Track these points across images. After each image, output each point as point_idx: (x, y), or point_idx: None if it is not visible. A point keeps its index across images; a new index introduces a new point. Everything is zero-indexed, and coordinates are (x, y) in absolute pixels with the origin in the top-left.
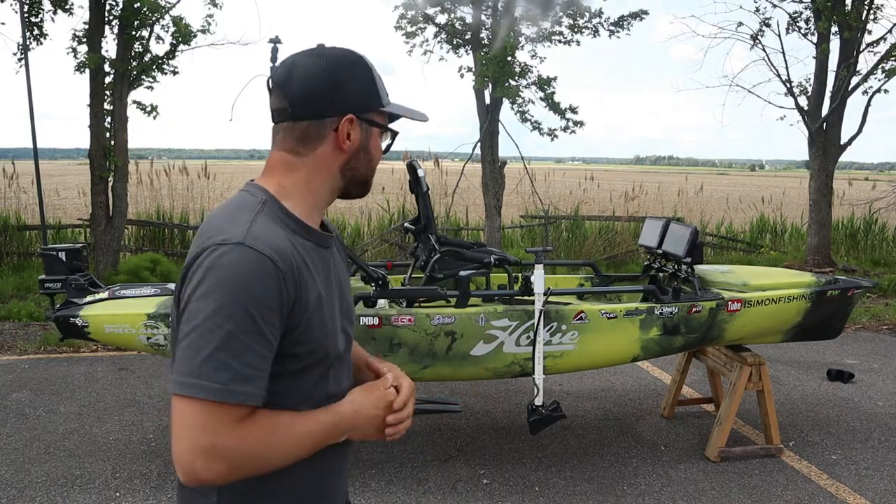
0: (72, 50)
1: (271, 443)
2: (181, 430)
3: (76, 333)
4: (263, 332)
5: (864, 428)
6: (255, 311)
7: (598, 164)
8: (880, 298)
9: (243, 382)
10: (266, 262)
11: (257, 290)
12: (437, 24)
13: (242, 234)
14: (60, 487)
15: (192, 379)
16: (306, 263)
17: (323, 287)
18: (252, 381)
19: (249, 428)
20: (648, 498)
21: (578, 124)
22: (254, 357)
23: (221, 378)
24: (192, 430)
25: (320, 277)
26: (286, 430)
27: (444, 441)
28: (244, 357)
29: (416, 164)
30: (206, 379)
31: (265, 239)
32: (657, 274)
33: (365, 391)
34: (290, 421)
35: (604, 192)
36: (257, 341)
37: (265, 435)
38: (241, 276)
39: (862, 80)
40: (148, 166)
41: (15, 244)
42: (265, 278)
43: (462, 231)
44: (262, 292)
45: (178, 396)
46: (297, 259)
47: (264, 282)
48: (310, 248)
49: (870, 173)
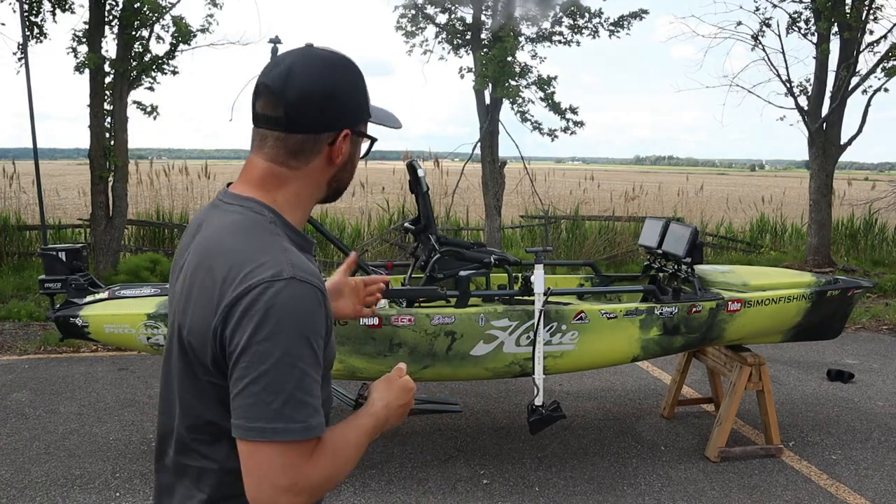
0: (72, 50)
1: (338, 462)
2: (261, 474)
3: (76, 333)
4: (319, 360)
5: (864, 428)
6: (316, 344)
7: (598, 164)
8: (880, 298)
9: (317, 415)
10: (317, 293)
11: (317, 324)
12: (437, 24)
13: (289, 267)
14: (60, 487)
15: (275, 424)
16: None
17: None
18: (320, 411)
19: (321, 455)
20: (648, 498)
21: (578, 125)
22: (317, 387)
23: (301, 417)
24: (275, 472)
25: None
26: (344, 445)
27: (444, 441)
28: (315, 391)
29: (416, 164)
30: (289, 421)
31: (306, 268)
32: (657, 274)
33: (386, 385)
34: (342, 436)
35: (604, 192)
36: (317, 371)
37: (333, 457)
38: (302, 312)
39: (862, 80)
40: (148, 166)
41: (15, 244)
42: (319, 309)
43: (462, 231)
44: (320, 324)
45: (255, 442)
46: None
47: (319, 313)
48: (308, 259)
49: (870, 173)
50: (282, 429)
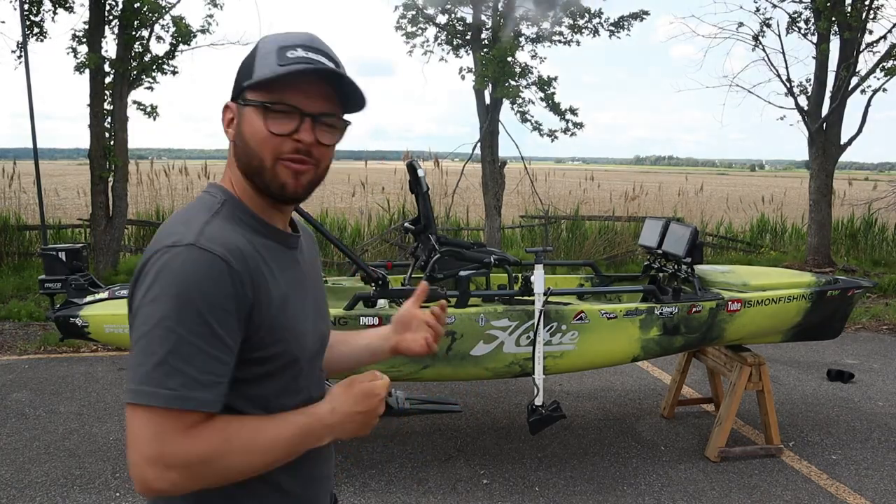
0: (72, 50)
1: (229, 449)
2: (132, 440)
3: (76, 333)
4: (219, 335)
5: (864, 428)
6: (209, 315)
7: (598, 164)
8: (880, 298)
9: (196, 388)
10: (218, 262)
11: (210, 293)
12: (438, 24)
13: (195, 236)
14: (60, 487)
15: (143, 386)
16: (267, 263)
17: (288, 287)
18: (208, 386)
19: (202, 434)
20: (648, 498)
21: (578, 126)
22: (208, 361)
23: (172, 384)
24: (142, 440)
25: (285, 278)
26: (249, 435)
27: (444, 441)
28: (197, 361)
29: (416, 164)
30: (157, 385)
31: (219, 239)
32: (657, 274)
33: (344, 388)
34: (255, 425)
35: (604, 192)
36: (212, 345)
37: (221, 441)
38: (193, 277)
39: (861, 80)
40: (148, 166)
41: (15, 244)
42: (218, 280)
43: (462, 231)
44: (216, 294)
45: (130, 405)
46: (257, 259)
47: (217, 283)
48: (273, 248)
49: (870, 173)
50: (149, 392)
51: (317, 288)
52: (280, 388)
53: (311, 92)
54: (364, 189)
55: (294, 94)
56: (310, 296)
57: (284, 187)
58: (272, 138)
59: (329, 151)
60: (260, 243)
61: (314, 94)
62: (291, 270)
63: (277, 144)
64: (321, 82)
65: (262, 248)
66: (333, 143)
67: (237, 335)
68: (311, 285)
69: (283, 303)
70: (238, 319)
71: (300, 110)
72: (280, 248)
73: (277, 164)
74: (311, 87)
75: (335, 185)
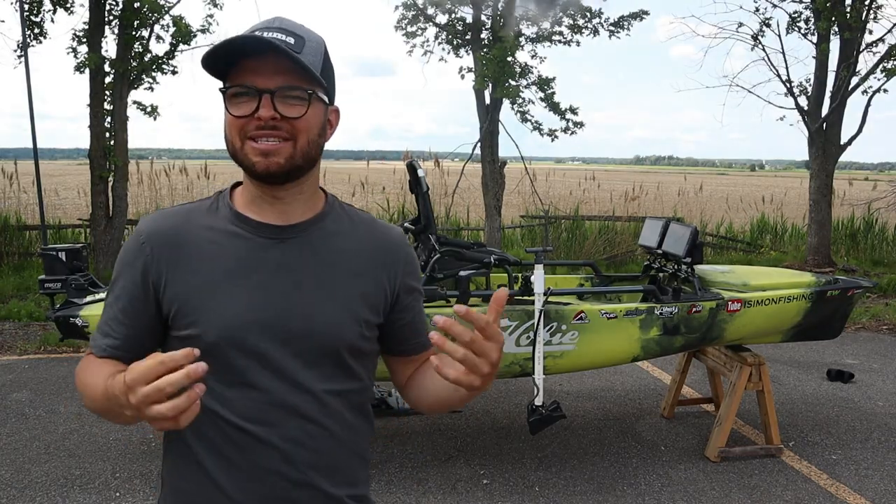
0: (72, 50)
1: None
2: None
3: (76, 333)
4: (120, 297)
5: (864, 428)
6: (118, 280)
7: (598, 164)
8: (880, 298)
9: (97, 336)
10: (135, 238)
11: (122, 259)
12: (438, 24)
13: (143, 220)
14: (60, 487)
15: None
16: (211, 248)
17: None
18: (104, 335)
19: (83, 362)
20: (648, 498)
21: (578, 125)
22: (110, 318)
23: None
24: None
25: (231, 264)
26: (88, 374)
27: (444, 441)
28: (105, 315)
29: (416, 163)
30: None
31: (154, 218)
32: (657, 274)
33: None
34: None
35: (604, 192)
36: (115, 305)
37: (80, 374)
38: (122, 248)
39: (861, 80)
40: (148, 167)
41: (15, 244)
42: (129, 252)
43: (462, 231)
44: (124, 263)
45: None
46: (194, 242)
47: (128, 255)
48: (230, 234)
49: (870, 173)
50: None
51: (303, 283)
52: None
53: (264, 69)
54: (364, 189)
55: (248, 75)
56: (277, 287)
57: (255, 166)
58: (236, 121)
59: (303, 124)
60: (222, 229)
61: (268, 70)
62: (253, 259)
63: (242, 126)
64: (276, 57)
65: (219, 235)
66: (302, 114)
67: (140, 302)
68: (294, 279)
69: (212, 288)
70: (144, 290)
71: (255, 88)
72: (252, 237)
73: (245, 145)
74: (264, 64)
75: (335, 185)
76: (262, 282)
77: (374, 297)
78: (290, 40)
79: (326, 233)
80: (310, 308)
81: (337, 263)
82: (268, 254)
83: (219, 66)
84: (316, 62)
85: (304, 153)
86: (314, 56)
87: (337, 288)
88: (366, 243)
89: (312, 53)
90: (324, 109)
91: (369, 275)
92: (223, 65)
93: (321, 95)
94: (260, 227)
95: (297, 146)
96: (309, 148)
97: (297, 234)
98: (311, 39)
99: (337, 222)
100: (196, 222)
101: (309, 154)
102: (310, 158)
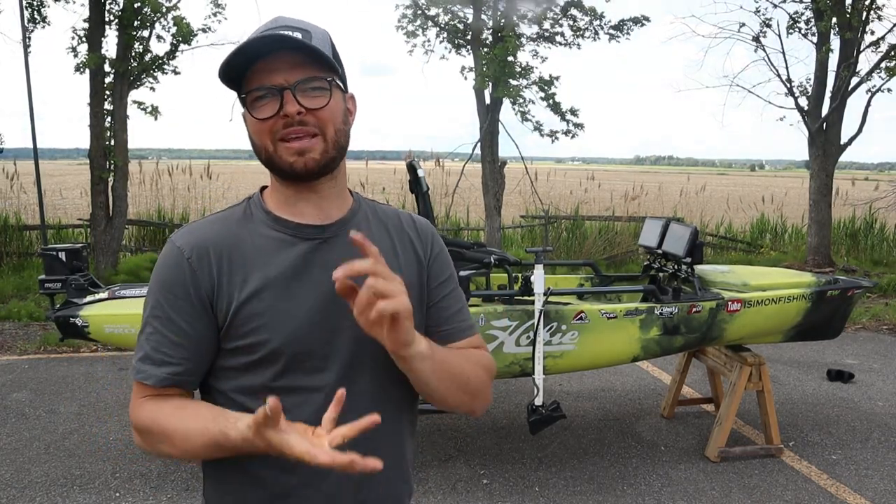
0: (72, 49)
1: (156, 425)
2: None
3: (76, 333)
4: (171, 317)
5: (864, 428)
6: (163, 298)
7: (598, 164)
8: (880, 298)
9: (147, 363)
10: (175, 251)
11: (164, 279)
12: (439, 24)
13: (176, 233)
14: (60, 487)
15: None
16: (246, 255)
17: (280, 276)
18: (158, 364)
19: (145, 406)
20: (648, 498)
21: (579, 126)
22: (161, 341)
23: (137, 358)
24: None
25: (279, 269)
26: (170, 425)
27: (444, 441)
28: (152, 341)
29: (417, 163)
30: (134, 360)
31: (189, 231)
32: (657, 274)
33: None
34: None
35: (604, 192)
36: (165, 326)
37: (152, 416)
38: (158, 269)
39: (862, 81)
40: (152, 167)
41: (15, 244)
42: (172, 267)
43: (462, 231)
44: (168, 281)
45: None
46: (237, 250)
47: (170, 270)
48: (274, 239)
49: (870, 173)
50: (132, 367)
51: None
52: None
53: (279, 67)
54: (364, 189)
55: (264, 76)
56: (327, 288)
57: (293, 166)
58: (263, 125)
59: (328, 114)
60: (264, 235)
61: (283, 67)
62: (299, 262)
63: (270, 128)
64: (289, 53)
65: (262, 241)
66: (325, 104)
67: (196, 320)
68: (331, 277)
69: (266, 294)
70: (193, 305)
71: (274, 87)
72: (290, 238)
73: (279, 147)
74: (277, 62)
75: None
76: (314, 284)
77: (417, 287)
78: (298, 35)
79: (361, 227)
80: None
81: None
82: (313, 255)
83: (232, 75)
84: (326, 51)
85: (335, 143)
86: (323, 46)
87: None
88: (398, 233)
89: (322, 45)
90: (342, 97)
91: (407, 263)
92: (236, 74)
93: (339, 83)
94: (300, 229)
95: (327, 138)
96: (338, 137)
97: (334, 232)
98: (316, 31)
99: (367, 217)
100: (235, 230)
101: (339, 143)
102: (341, 147)
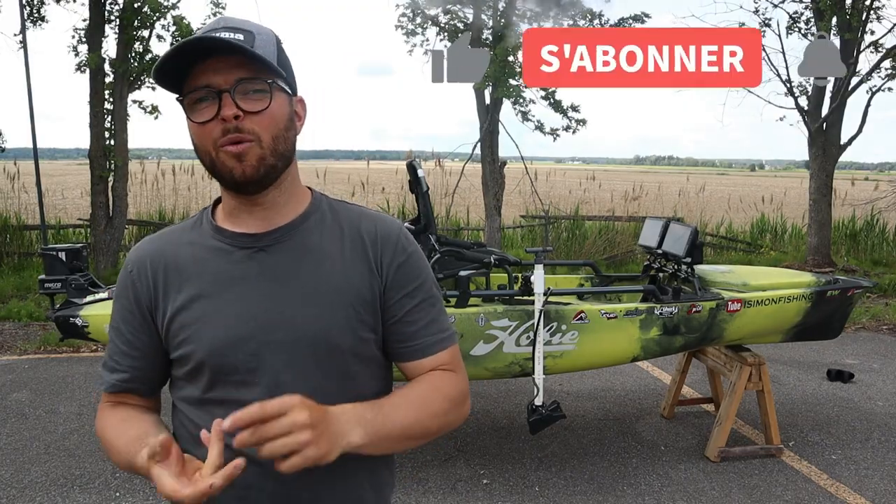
0: (72, 49)
1: (103, 435)
2: None
3: (76, 333)
4: (121, 329)
5: (864, 428)
6: (116, 310)
7: (598, 164)
8: (880, 298)
9: (105, 370)
10: (124, 269)
11: (117, 292)
12: (438, 23)
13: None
14: (60, 487)
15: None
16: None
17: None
18: (111, 370)
19: (103, 412)
20: (648, 498)
21: (580, 122)
22: (114, 350)
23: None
24: None
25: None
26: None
27: (444, 441)
28: (109, 350)
29: (416, 163)
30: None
31: (137, 246)
32: (657, 274)
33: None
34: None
35: (604, 192)
36: (118, 337)
37: (101, 424)
38: (116, 284)
39: (862, 80)
40: (153, 166)
41: (15, 244)
42: (120, 284)
43: (462, 231)
44: (118, 293)
45: None
46: (175, 263)
47: (119, 287)
48: (212, 249)
49: (870, 173)
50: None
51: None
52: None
53: (218, 69)
54: (364, 189)
55: (202, 78)
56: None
57: (232, 172)
58: (202, 129)
59: (268, 119)
60: (205, 245)
61: (223, 69)
62: (232, 271)
63: (209, 133)
64: (228, 55)
65: (201, 251)
66: (266, 107)
67: (141, 332)
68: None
69: (195, 305)
70: (136, 316)
71: (211, 88)
72: (227, 247)
73: (219, 153)
74: (217, 64)
75: (335, 184)
76: (244, 294)
77: (366, 295)
78: (240, 37)
79: (308, 233)
80: (294, 315)
81: (321, 264)
82: (247, 264)
83: (170, 77)
84: (270, 53)
85: (273, 150)
86: (267, 48)
87: (322, 290)
88: (351, 239)
89: (265, 46)
90: (288, 100)
91: (355, 271)
92: (175, 76)
93: (282, 86)
94: (236, 238)
95: (263, 145)
96: (277, 143)
97: (275, 240)
98: (260, 33)
99: (322, 221)
100: (179, 242)
101: (279, 150)
102: (282, 155)
